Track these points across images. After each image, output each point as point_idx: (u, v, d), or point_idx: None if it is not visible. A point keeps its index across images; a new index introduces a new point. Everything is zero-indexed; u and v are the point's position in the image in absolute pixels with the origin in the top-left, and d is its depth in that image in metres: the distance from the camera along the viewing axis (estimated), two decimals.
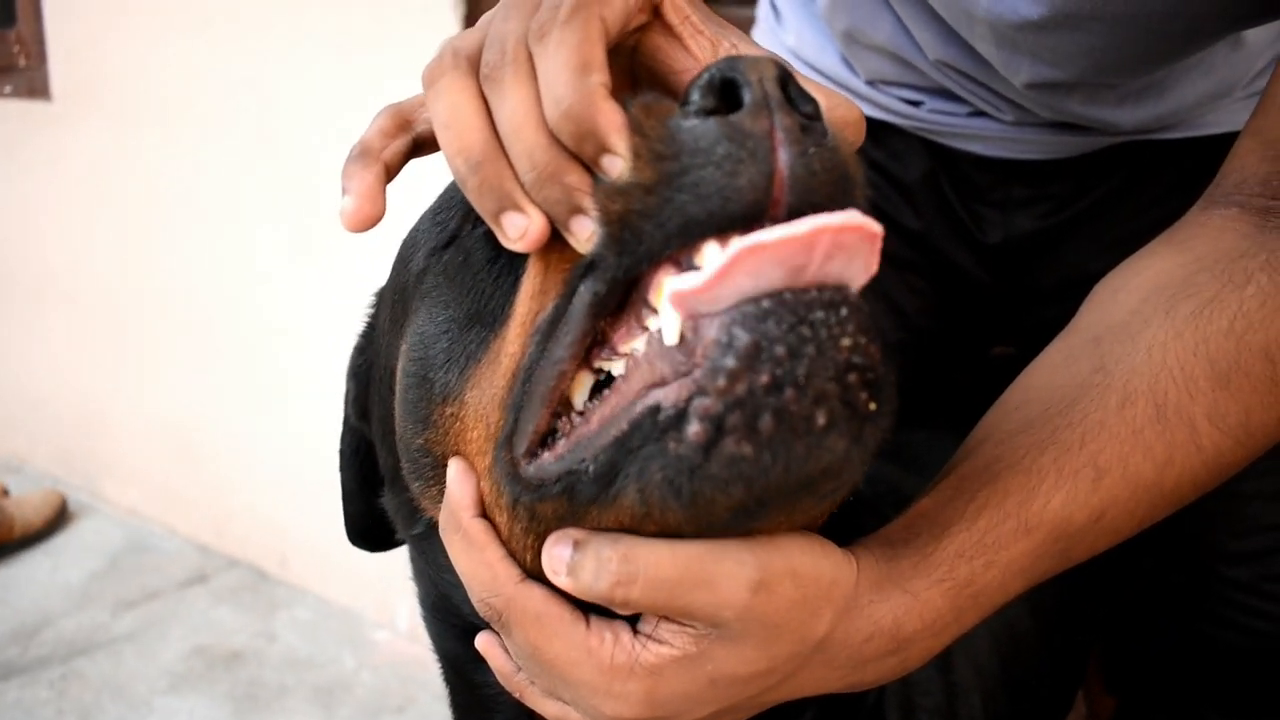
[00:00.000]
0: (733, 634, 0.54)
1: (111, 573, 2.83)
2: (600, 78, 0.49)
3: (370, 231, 0.59)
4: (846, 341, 0.43)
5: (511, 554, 0.58)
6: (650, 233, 0.46)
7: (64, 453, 3.30)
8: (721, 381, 0.42)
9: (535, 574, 0.56)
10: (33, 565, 2.84)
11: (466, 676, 0.79)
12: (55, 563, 2.86)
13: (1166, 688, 1.30)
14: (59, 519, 3.04)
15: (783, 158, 0.45)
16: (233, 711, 2.29)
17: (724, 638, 0.54)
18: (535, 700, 0.64)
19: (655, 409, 0.45)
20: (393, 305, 0.73)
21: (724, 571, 0.52)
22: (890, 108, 1.23)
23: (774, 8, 1.35)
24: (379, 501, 0.83)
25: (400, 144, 0.62)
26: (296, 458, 2.68)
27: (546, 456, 0.52)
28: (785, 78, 0.47)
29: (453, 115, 0.54)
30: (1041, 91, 1.07)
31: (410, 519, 0.74)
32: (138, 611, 2.65)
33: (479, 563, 0.57)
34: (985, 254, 1.29)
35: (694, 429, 0.43)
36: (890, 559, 0.63)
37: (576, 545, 0.52)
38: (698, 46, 0.57)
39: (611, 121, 0.48)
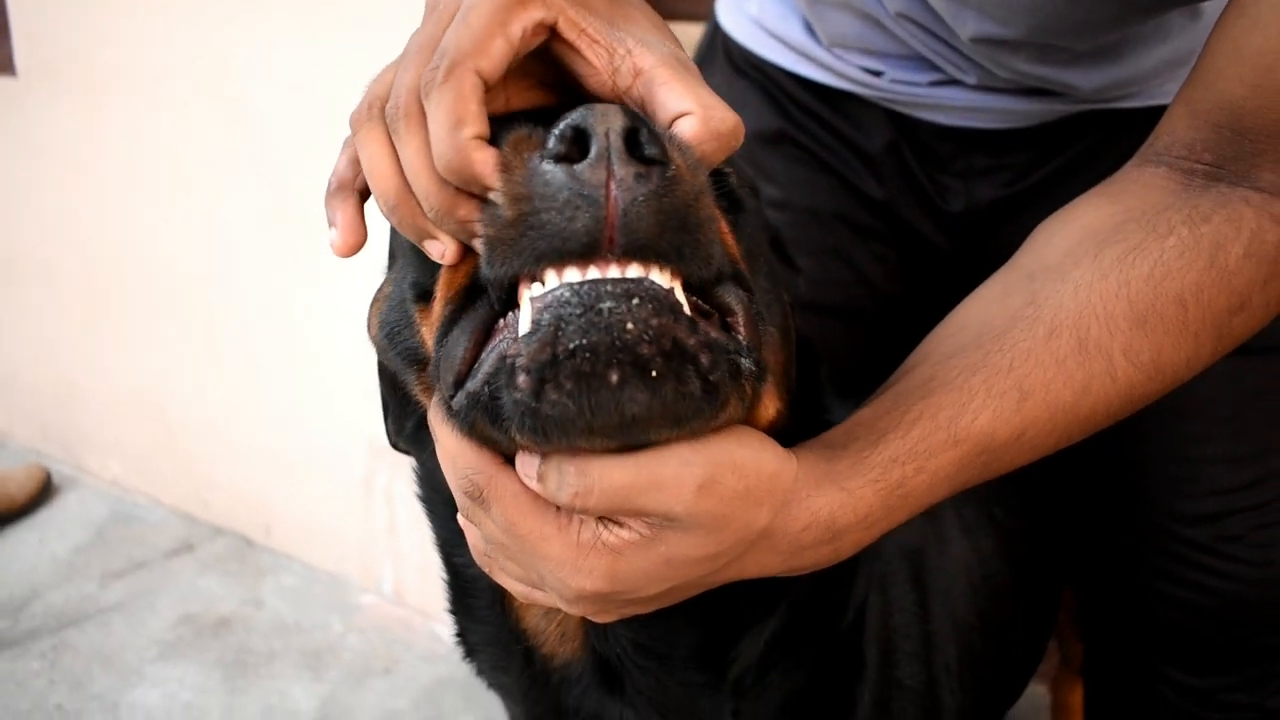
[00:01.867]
0: (683, 526, 0.61)
1: (98, 544, 2.86)
2: (471, 131, 0.58)
3: None
4: (632, 325, 0.53)
5: None
6: (511, 258, 0.56)
7: (45, 427, 3.31)
8: (533, 347, 0.53)
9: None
10: (19, 539, 2.86)
11: (451, 560, 0.89)
12: (41, 536, 2.88)
13: (1129, 643, 1.34)
14: (43, 493, 3.06)
15: (616, 203, 0.54)
16: (222, 678, 2.34)
17: (676, 528, 0.61)
18: (501, 577, 0.71)
19: (503, 360, 0.56)
20: (390, 251, 0.86)
21: (670, 474, 0.58)
22: (852, 77, 1.25)
23: None
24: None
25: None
26: (278, 425, 2.70)
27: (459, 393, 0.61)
28: (632, 127, 0.55)
29: (372, 164, 0.65)
30: (989, 48, 1.09)
31: (401, 421, 0.86)
32: (125, 582, 2.69)
33: (468, 446, 0.62)
34: (948, 222, 1.32)
35: (521, 378, 0.54)
36: (829, 459, 0.70)
37: (544, 457, 0.59)
38: (595, 56, 0.64)
39: (485, 169, 0.57)
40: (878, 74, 1.24)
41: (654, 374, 0.53)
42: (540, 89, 0.70)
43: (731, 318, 0.63)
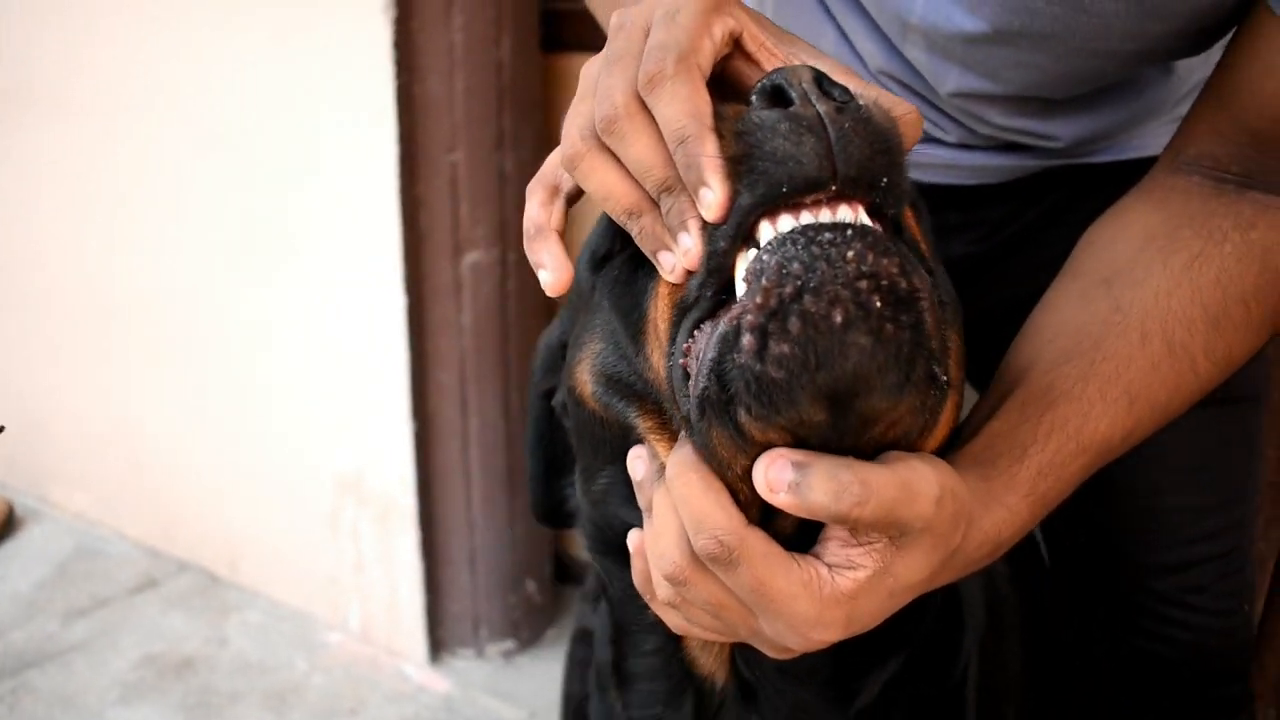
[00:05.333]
0: (909, 544, 0.64)
1: (60, 580, 2.81)
2: (710, 122, 0.62)
3: (312, 232, 0.67)
4: (852, 254, 0.54)
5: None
6: (754, 187, 0.60)
7: (9, 459, 3.26)
8: (758, 297, 0.55)
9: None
10: None
11: (623, 610, 0.91)
12: (4, 572, 2.84)
13: (1105, 697, 1.34)
14: (7, 526, 3.01)
15: (832, 134, 0.58)
16: None
17: (901, 549, 0.64)
18: (688, 629, 0.75)
19: (725, 333, 0.57)
20: (575, 312, 0.89)
21: (921, 489, 0.61)
22: None
23: None
24: (560, 484, 1.04)
25: (558, 208, 0.76)
26: (245, 460, 2.67)
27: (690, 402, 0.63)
28: (819, 76, 0.61)
29: (605, 185, 0.68)
30: (966, 101, 1.09)
31: (591, 481, 0.85)
32: (88, 620, 2.65)
33: (714, 504, 0.63)
34: None
35: (746, 339, 0.54)
36: (986, 478, 0.75)
37: (798, 466, 0.59)
38: (770, 66, 0.69)
39: (711, 161, 0.61)
40: None
41: (877, 309, 0.54)
42: None
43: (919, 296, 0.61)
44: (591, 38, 2.32)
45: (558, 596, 2.72)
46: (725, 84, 0.71)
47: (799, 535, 0.66)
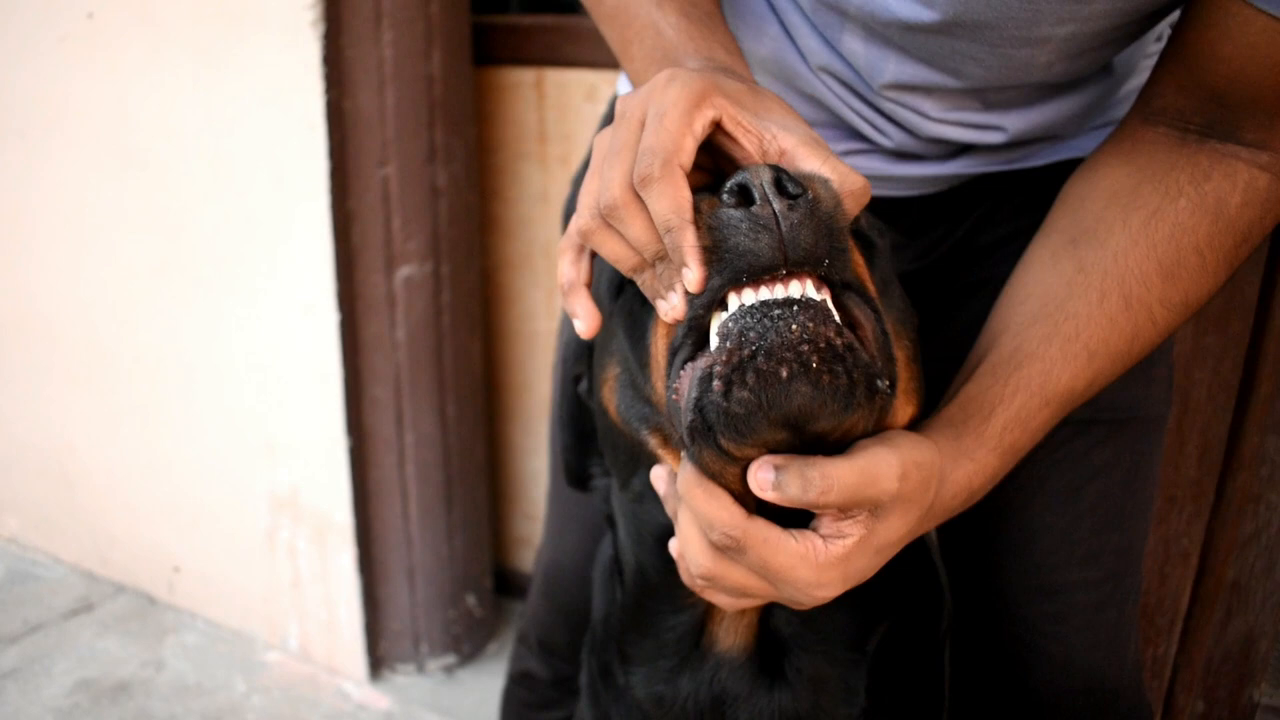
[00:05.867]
0: (885, 512, 0.79)
1: None
2: (690, 215, 0.76)
3: (244, 249, 0.79)
4: (795, 326, 0.70)
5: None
6: (715, 274, 0.75)
7: None
8: (724, 355, 0.71)
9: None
10: None
11: (643, 589, 1.06)
12: None
13: None
14: None
15: (783, 229, 0.73)
16: None
17: (880, 516, 0.79)
18: (716, 597, 0.88)
19: (702, 376, 0.73)
20: (604, 332, 1.03)
21: (880, 471, 0.75)
22: None
23: None
24: (587, 459, 1.22)
25: (584, 265, 0.91)
26: (179, 479, 2.64)
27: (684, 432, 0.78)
28: (778, 176, 0.74)
29: (614, 256, 0.84)
30: (904, 92, 1.08)
31: (626, 482, 1.02)
32: (21, 645, 2.60)
33: (720, 507, 0.78)
34: None
35: (715, 384, 0.71)
36: (956, 437, 0.90)
37: (777, 469, 0.74)
38: (749, 143, 0.82)
39: (691, 249, 0.75)
40: None
41: (814, 367, 0.69)
42: (699, 172, 0.85)
43: (860, 330, 0.78)
44: (524, 51, 2.35)
45: (499, 609, 2.71)
46: (715, 150, 0.85)
47: (802, 512, 0.79)
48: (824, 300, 0.74)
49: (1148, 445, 1.22)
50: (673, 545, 0.91)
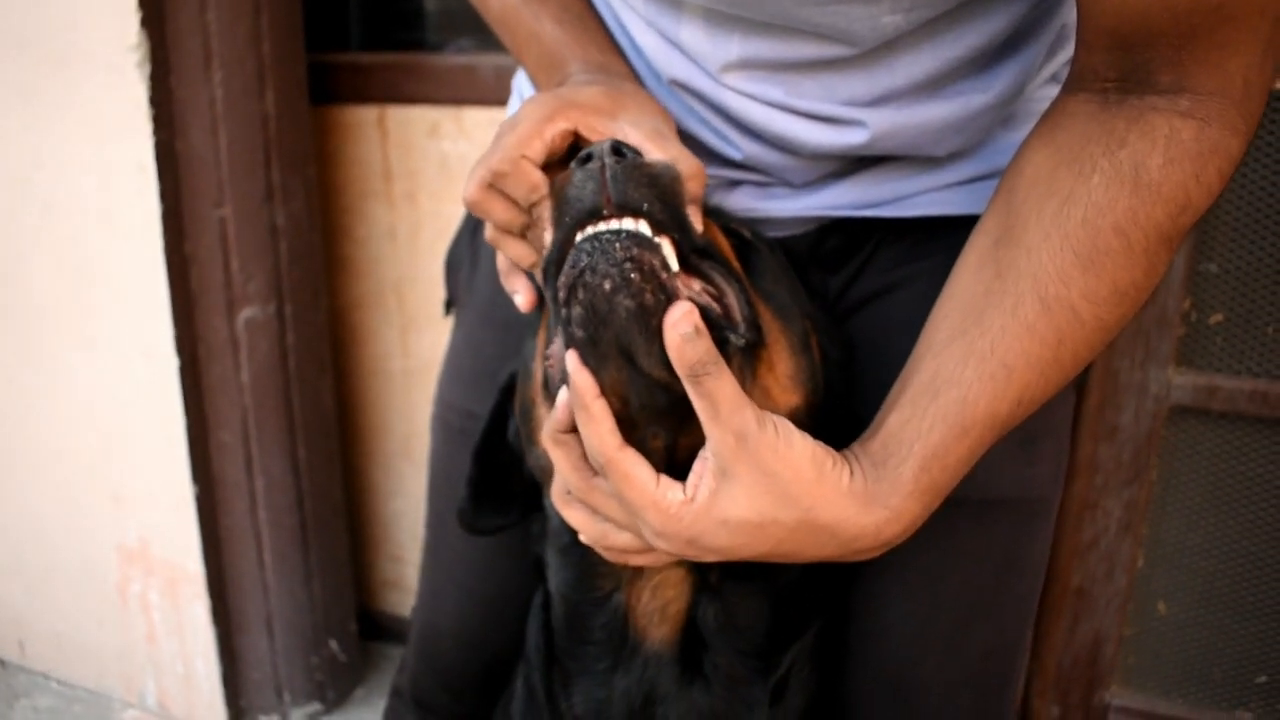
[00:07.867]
0: (731, 477, 0.78)
1: None
2: (544, 190, 0.92)
3: (76, 298, 1.30)
4: (619, 246, 0.77)
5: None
6: (559, 227, 0.83)
7: None
8: (563, 278, 0.79)
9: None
10: None
11: (572, 598, 1.07)
12: None
13: None
14: None
15: (607, 176, 0.81)
16: None
17: (727, 480, 0.78)
18: (610, 538, 0.89)
19: (555, 292, 0.83)
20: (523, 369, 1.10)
21: (751, 409, 0.77)
22: None
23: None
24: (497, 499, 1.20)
25: (519, 248, 0.99)
26: (21, 536, 2.54)
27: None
28: (616, 145, 0.84)
29: (491, 237, 1.01)
30: (748, 75, 1.01)
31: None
32: None
33: (593, 432, 0.79)
34: None
35: (562, 294, 0.79)
36: (877, 480, 0.83)
37: (697, 329, 0.76)
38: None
39: (546, 218, 0.90)
40: None
41: (635, 280, 0.76)
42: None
43: (724, 298, 0.86)
44: (365, 89, 2.35)
45: (366, 654, 2.66)
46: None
47: (683, 464, 0.82)
48: (653, 238, 0.80)
49: (1028, 532, 1.09)
50: (555, 487, 0.93)
